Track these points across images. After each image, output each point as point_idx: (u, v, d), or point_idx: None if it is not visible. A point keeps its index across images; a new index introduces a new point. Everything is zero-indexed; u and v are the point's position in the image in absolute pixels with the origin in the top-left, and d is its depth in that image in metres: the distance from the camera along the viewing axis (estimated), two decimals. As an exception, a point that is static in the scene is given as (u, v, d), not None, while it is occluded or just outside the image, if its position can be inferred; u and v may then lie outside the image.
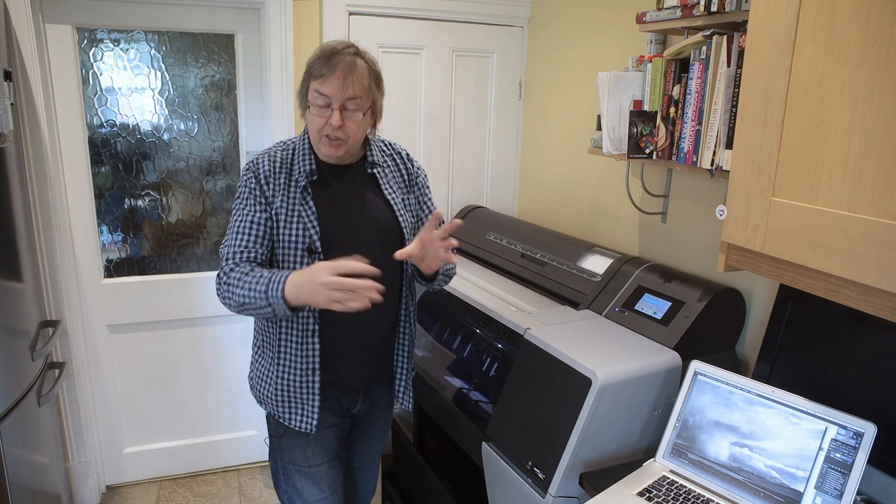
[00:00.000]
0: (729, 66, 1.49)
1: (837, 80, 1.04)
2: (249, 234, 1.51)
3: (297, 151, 1.57)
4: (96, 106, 2.40)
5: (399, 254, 1.46)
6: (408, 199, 1.67)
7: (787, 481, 1.29)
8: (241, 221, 1.52)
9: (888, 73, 0.97)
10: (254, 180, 1.52)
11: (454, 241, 1.54)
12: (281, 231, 1.52)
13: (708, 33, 1.54)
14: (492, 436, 1.77)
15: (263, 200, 1.52)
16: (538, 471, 1.57)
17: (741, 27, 1.51)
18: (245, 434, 2.86)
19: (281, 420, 1.62)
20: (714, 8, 1.51)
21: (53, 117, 2.31)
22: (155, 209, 2.56)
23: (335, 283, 1.32)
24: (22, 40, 2.11)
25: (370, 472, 1.89)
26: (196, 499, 2.66)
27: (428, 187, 1.74)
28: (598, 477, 1.50)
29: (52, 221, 2.27)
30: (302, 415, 1.59)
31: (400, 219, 1.62)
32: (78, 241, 2.45)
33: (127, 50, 2.39)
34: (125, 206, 2.52)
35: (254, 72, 2.54)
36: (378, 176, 1.62)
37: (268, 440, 1.73)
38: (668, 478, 1.42)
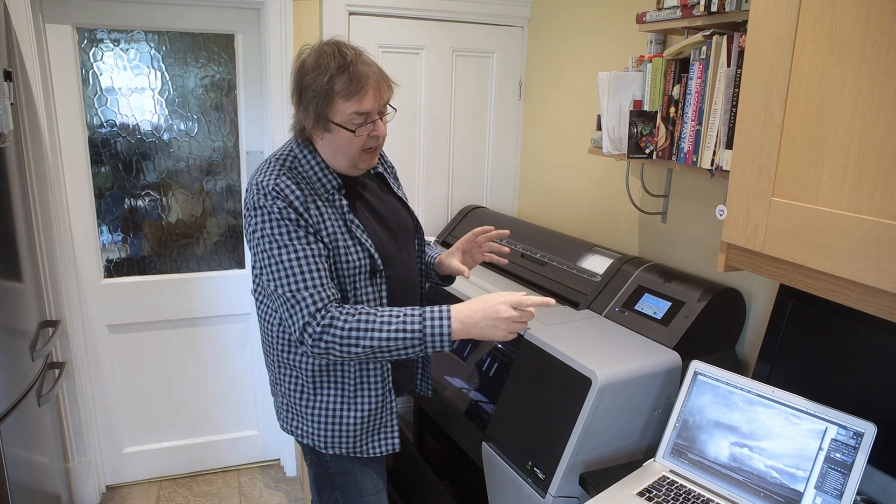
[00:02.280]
0: (729, 66, 1.49)
1: (837, 80, 1.04)
2: (319, 271, 1.31)
3: (305, 168, 1.40)
4: (96, 106, 2.40)
5: (466, 273, 1.51)
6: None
7: (787, 481, 1.29)
8: (302, 258, 1.30)
9: (888, 73, 0.97)
10: (290, 210, 1.30)
11: (505, 248, 1.51)
12: (342, 258, 1.36)
13: (708, 33, 1.54)
14: (492, 436, 1.77)
15: (310, 230, 1.33)
16: (538, 471, 1.57)
17: (741, 27, 1.51)
18: (245, 434, 2.86)
19: (359, 454, 1.49)
20: (714, 8, 1.51)
21: (53, 117, 2.31)
22: (155, 209, 2.56)
23: (520, 316, 1.28)
24: (22, 40, 2.11)
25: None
26: (196, 499, 2.66)
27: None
28: (598, 477, 1.50)
29: (52, 221, 2.27)
30: (381, 438, 1.50)
31: (416, 213, 1.59)
32: (78, 241, 2.45)
33: (127, 50, 2.39)
34: (125, 206, 2.52)
35: (254, 72, 2.54)
36: (385, 175, 1.58)
37: (319, 484, 1.58)
38: (668, 478, 1.42)
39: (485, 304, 1.28)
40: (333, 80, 1.29)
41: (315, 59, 1.33)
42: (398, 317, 1.28)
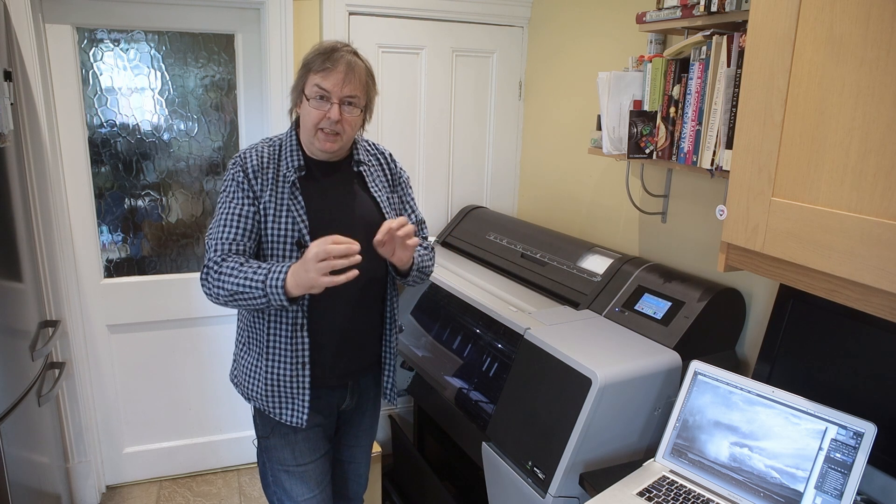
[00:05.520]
0: (729, 66, 1.49)
1: (837, 80, 1.04)
2: (237, 227, 1.51)
3: (284, 147, 1.58)
4: (96, 106, 2.40)
5: (375, 241, 1.50)
6: (392, 198, 1.71)
7: (787, 481, 1.29)
8: (228, 214, 1.52)
9: (888, 73, 0.97)
10: (241, 174, 1.53)
11: (416, 240, 1.54)
12: (269, 225, 1.53)
13: (708, 33, 1.54)
14: (492, 436, 1.77)
15: (251, 194, 1.53)
16: (538, 471, 1.57)
17: (741, 27, 1.51)
18: (245, 434, 2.86)
19: (271, 415, 1.62)
20: (714, 8, 1.51)
21: (53, 117, 2.31)
22: (155, 209, 2.56)
23: (324, 251, 1.33)
24: (22, 40, 2.11)
25: (361, 465, 1.90)
26: (196, 499, 2.66)
27: (411, 188, 1.79)
28: (598, 477, 1.50)
29: (52, 221, 2.27)
30: (292, 409, 1.60)
31: (387, 216, 1.65)
32: (78, 241, 2.45)
33: (127, 50, 2.39)
34: (125, 206, 2.52)
35: (254, 72, 2.54)
36: (364, 173, 1.66)
37: (255, 441, 1.74)
38: (668, 478, 1.42)
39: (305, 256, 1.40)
40: (316, 58, 1.50)
41: (319, 44, 1.55)
42: (255, 269, 1.44)
